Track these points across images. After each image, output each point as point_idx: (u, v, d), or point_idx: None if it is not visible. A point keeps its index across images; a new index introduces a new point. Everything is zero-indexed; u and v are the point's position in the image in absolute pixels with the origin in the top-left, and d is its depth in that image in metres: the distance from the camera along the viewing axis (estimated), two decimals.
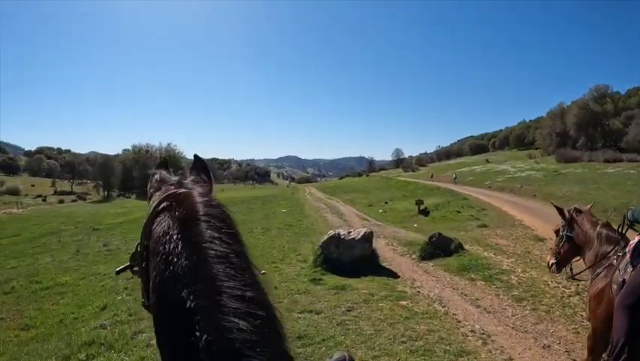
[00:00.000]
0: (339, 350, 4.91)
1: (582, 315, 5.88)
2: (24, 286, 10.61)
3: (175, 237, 0.79)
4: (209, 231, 0.79)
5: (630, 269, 2.98)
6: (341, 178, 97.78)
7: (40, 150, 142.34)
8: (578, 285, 7.19)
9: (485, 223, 15.05)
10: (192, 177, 1.04)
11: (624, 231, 3.40)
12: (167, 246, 0.78)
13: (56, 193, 78.47)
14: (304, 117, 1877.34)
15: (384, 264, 9.32)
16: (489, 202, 22.26)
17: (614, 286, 3.08)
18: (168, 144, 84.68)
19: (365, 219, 19.04)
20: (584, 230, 3.62)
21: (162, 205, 0.90)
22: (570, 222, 3.77)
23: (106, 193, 74.62)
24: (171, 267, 0.75)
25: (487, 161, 65.82)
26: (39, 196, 69.24)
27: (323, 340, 5.12)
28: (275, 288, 7.35)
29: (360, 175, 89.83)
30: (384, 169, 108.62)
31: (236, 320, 0.65)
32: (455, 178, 45.05)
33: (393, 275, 8.41)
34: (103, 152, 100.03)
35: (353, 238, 9.00)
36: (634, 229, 3.33)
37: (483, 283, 7.73)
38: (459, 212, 19.19)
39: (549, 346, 5.00)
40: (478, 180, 39.70)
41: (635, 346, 2.80)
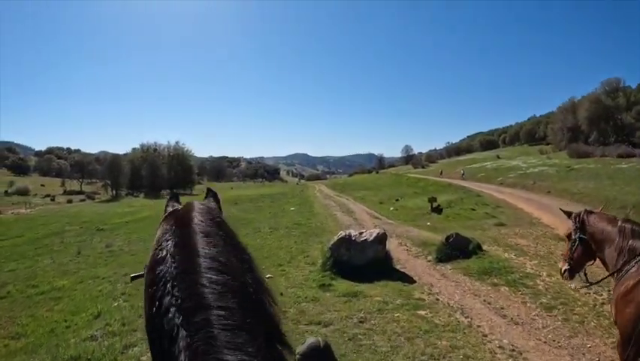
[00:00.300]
0: (312, 336, 4.41)
1: None
2: (20, 290, 10.31)
3: (169, 226, 0.93)
4: (198, 215, 0.92)
5: None
6: (350, 175, 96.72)
7: (50, 150, 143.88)
8: (610, 291, 6.73)
9: (502, 222, 14.34)
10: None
11: None
12: (162, 235, 0.91)
13: (65, 193, 78.86)
14: (313, 115, 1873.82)
15: (397, 266, 8.71)
16: (503, 199, 21.55)
17: None
18: (176, 142, 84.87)
19: (376, 217, 18.44)
20: (600, 228, 3.44)
21: (167, 216, 1.09)
22: (582, 224, 3.60)
23: (114, 192, 74.81)
24: (161, 245, 0.86)
25: (497, 157, 64.51)
26: (47, 196, 69.50)
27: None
28: (281, 295, 6.81)
29: (369, 172, 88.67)
30: (393, 166, 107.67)
31: (208, 275, 0.73)
32: (463, 174, 44.60)
33: (408, 280, 7.81)
34: (113, 151, 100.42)
35: (365, 240, 8.37)
36: None
37: (507, 288, 7.12)
38: (473, 210, 18.49)
39: None
40: (490, 177, 38.96)
41: None
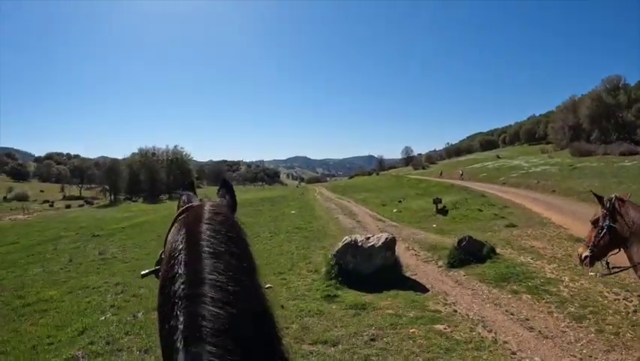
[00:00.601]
0: None
1: None
2: (6, 301, 9.67)
3: (180, 237, 0.88)
4: (208, 231, 0.86)
5: None
6: (351, 177, 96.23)
7: (49, 156, 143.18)
8: None
9: (513, 223, 13.72)
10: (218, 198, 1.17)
11: None
12: (173, 245, 0.88)
13: (65, 198, 78.31)
14: (312, 117, 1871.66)
15: (407, 273, 8.11)
16: (509, 199, 20.99)
17: None
18: (175, 147, 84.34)
19: (379, 219, 17.82)
20: (632, 218, 3.27)
21: (179, 216, 1.01)
22: (612, 211, 3.39)
23: (113, 197, 74.11)
24: (172, 261, 0.82)
25: (497, 157, 64.01)
26: (46, 202, 68.88)
27: None
28: (282, 307, 6.20)
29: (370, 174, 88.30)
30: (394, 167, 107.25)
31: (210, 308, 0.68)
32: (462, 175, 44.44)
33: (420, 288, 7.20)
34: (112, 156, 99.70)
35: (372, 245, 7.75)
36: None
37: (529, 296, 6.53)
38: (480, 210, 17.89)
39: None
40: (492, 176, 38.47)
41: None
